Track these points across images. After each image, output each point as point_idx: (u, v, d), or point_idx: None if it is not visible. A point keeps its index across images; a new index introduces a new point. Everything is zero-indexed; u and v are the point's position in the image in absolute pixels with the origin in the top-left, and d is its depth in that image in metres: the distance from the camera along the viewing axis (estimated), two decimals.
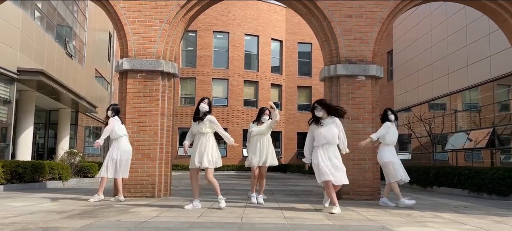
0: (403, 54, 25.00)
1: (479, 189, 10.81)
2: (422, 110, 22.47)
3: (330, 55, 9.82)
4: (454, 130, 19.97)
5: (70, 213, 6.36)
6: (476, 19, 17.37)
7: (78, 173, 15.93)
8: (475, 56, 17.85)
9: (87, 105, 22.76)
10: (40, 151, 24.01)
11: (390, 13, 9.68)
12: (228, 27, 33.28)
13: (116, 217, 5.93)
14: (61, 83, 17.89)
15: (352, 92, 9.46)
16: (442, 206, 8.22)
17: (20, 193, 9.98)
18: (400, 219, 6.21)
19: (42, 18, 18.51)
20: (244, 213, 6.54)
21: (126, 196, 9.01)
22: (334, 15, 9.60)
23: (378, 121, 9.65)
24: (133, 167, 9.12)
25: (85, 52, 24.99)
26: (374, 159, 9.33)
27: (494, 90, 16.90)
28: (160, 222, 5.59)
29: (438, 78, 20.94)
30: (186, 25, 9.93)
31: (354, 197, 9.11)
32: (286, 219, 5.98)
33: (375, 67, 9.50)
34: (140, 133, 9.22)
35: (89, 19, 25.65)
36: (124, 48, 9.54)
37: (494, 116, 16.85)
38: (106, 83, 31.53)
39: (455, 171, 12.03)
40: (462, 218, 6.50)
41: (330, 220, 5.97)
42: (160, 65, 9.30)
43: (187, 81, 32.76)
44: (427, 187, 13.34)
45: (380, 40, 9.74)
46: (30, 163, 12.00)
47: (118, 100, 9.69)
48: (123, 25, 9.44)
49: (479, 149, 17.65)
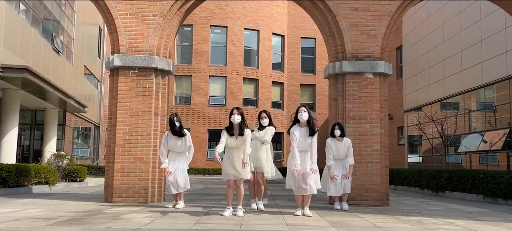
0: (413, 50, 25.00)
1: (495, 194, 10.81)
2: (434, 110, 22.47)
3: (335, 51, 9.81)
4: (468, 131, 19.96)
5: (57, 219, 6.35)
6: (491, 12, 17.35)
7: (66, 177, 15.94)
8: (490, 52, 17.84)
9: (76, 105, 22.76)
10: (25, 153, 24.02)
11: (400, 6, 9.67)
12: (226, 21, 33.27)
13: (106, 224, 5.92)
14: (47, 81, 17.89)
15: (359, 91, 9.46)
16: (455, 212, 8.22)
17: (3, 198, 9.98)
18: (410, 226, 6.20)
19: (28, 11, 18.51)
20: (244, 220, 6.53)
21: (117, 201, 9.02)
22: (340, 8, 9.59)
23: (386, 121, 9.67)
24: (124, 171, 9.13)
25: (73, 48, 25.00)
26: (383, 162, 9.33)
27: (510, 88, 16.88)
28: (153, 229, 5.59)
29: (450, 76, 20.94)
30: (181, 19, 9.93)
31: (361, 203, 9.11)
32: (288, 226, 5.98)
33: (383, 64, 9.50)
34: (132, 134, 9.21)
35: (77, 13, 25.66)
36: (115, 43, 9.53)
37: (511, 115, 16.83)
38: (96, 81, 31.54)
39: (468, 175, 12.03)
40: (476, 225, 6.50)
41: (335, 227, 5.97)
42: (154, 61, 9.30)
43: (183, 79, 32.75)
44: (439, 191, 13.34)
45: (389, 35, 9.74)
46: (15, 166, 11.99)
47: (108, 99, 9.69)
48: (114, 18, 9.43)
49: (494, 151, 17.64)
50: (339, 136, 8.47)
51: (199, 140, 31.63)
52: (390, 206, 9.17)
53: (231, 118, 7.19)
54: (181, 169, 8.28)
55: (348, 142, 8.53)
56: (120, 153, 9.15)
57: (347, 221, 6.67)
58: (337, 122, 8.83)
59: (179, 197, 8.43)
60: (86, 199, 9.91)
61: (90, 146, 31.37)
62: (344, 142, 8.50)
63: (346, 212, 7.93)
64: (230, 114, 7.24)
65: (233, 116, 7.18)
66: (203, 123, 32.04)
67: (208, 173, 29.51)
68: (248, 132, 7.22)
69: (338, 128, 8.51)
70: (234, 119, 7.16)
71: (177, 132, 8.21)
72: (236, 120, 7.17)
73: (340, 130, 8.50)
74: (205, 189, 14.47)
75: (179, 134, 8.22)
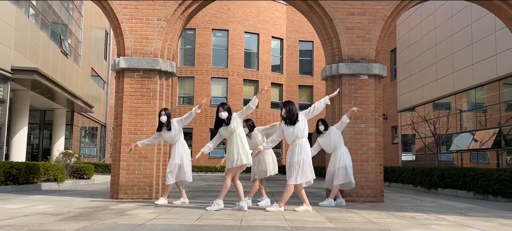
0: (407, 53, 24.99)
1: (485, 191, 10.81)
2: (426, 110, 22.47)
3: (332, 53, 9.81)
4: (459, 130, 19.96)
5: (65, 215, 6.35)
6: (481, 17, 17.36)
7: (74, 175, 15.94)
8: (480, 55, 17.84)
9: (83, 105, 22.76)
10: (34, 151, 24.02)
11: (394, 11, 9.68)
12: (227, 25, 33.27)
13: (112, 220, 5.92)
14: (56, 83, 17.90)
15: (354, 92, 9.46)
16: (447, 208, 8.22)
17: (14, 194, 9.97)
18: (404, 222, 6.20)
19: (37, 15, 18.51)
20: (244, 216, 6.53)
21: (123, 198, 9.02)
22: (336, 13, 9.59)
23: (381, 121, 9.67)
24: (130, 168, 9.13)
25: (81, 50, 25.00)
26: (377, 160, 9.33)
27: (500, 89, 16.88)
28: (157, 225, 5.59)
29: (442, 77, 20.93)
30: (184, 23, 9.93)
31: (356, 199, 9.10)
32: (286, 222, 5.97)
33: (378, 66, 9.50)
34: (137, 133, 9.21)
35: (85, 17, 25.65)
36: (121, 46, 9.53)
37: (500, 115, 16.83)
38: (103, 83, 31.54)
39: (460, 173, 12.03)
40: (468, 220, 6.49)
41: (332, 223, 5.97)
42: (158, 64, 9.30)
43: (186, 80, 32.75)
44: (431, 188, 13.33)
45: (383, 38, 9.74)
46: (25, 164, 11.99)
47: (114, 100, 9.69)
48: (120, 23, 9.43)
49: (484, 149, 17.64)
50: (324, 130, 8.58)
51: (201, 139, 31.64)
52: (385, 203, 9.16)
53: (218, 115, 7.39)
54: (188, 161, 8.35)
55: (330, 129, 8.60)
56: (125, 151, 9.15)
57: (343, 217, 6.67)
58: (319, 119, 8.84)
59: (181, 193, 8.44)
60: (93, 196, 9.91)
61: (96, 144, 31.36)
62: (328, 132, 8.59)
63: (342, 208, 7.93)
64: (217, 112, 7.43)
65: (220, 113, 7.37)
66: (205, 123, 32.05)
67: (210, 171, 29.51)
68: (234, 119, 7.34)
69: (321, 123, 8.63)
70: (221, 115, 7.36)
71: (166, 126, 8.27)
72: (223, 116, 7.36)
73: (323, 124, 8.62)
74: (207, 186, 14.47)
75: (168, 127, 8.28)
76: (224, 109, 7.38)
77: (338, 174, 8.47)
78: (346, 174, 8.48)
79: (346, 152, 8.63)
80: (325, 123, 8.67)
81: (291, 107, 7.32)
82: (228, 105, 7.52)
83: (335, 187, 8.50)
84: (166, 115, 8.26)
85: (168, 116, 8.28)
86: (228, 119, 7.35)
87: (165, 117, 8.24)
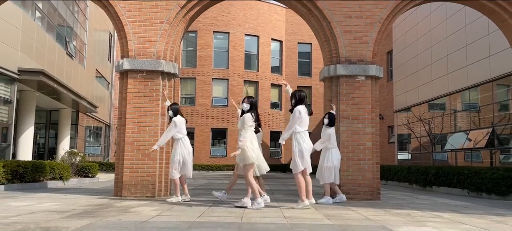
0: (403, 55, 24.99)
1: (479, 189, 10.81)
2: (422, 110, 22.47)
3: (330, 55, 9.82)
4: (454, 130, 19.96)
5: (70, 212, 6.35)
6: (475, 19, 17.36)
7: (79, 173, 15.93)
8: (474, 57, 17.84)
9: (88, 105, 22.75)
10: (40, 150, 24.02)
11: (390, 14, 9.68)
12: (228, 28, 33.27)
13: (116, 217, 5.93)
14: (61, 83, 17.89)
15: (352, 92, 9.46)
16: (441, 206, 8.22)
17: (20, 192, 9.98)
18: (400, 219, 6.21)
19: (43, 18, 18.51)
20: (244, 213, 6.53)
21: (126, 195, 9.02)
22: (334, 16, 9.60)
23: (377, 120, 9.67)
24: (133, 167, 9.13)
25: (86, 52, 24.99)
26: (374, 159, 9.34)
27: (493, 90, 16.89)
28: (161, 221, 5.59)
29: (437, 79, 20.94)
30: (186, 26, 9.93)
31: (353, 197, 9.11)
32: (286, 219, 5.98)
33: (374, 67, 9.50)
34: (140, 132, 9.21)
35: (89, 19, 25.65)
36: (125, 48, 9.54)
37: (493, 115, 16.84)
38: (107, 83, 31.53)
39: (454, 171, 12.03)
40: (462, 217, 6.50)
41: (330, 220, 5.97)
42: (160, 65, 9.30)
43: (187, 81, 32.75)
44: (426, 187, 13.34)
45: (380, 40, 9.74)
46: (31, 162, 11.99)
47: (118, 100, 9.69)
48: (124, 25, 9.43)
49: (478, 149, 17.65)
50: (326, 124, 8.61)
51: (203, 139, 31.64)
52: (381, 200, 9.17)
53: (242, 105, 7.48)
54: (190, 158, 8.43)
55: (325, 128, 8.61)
56: (129, 151, 9.15)
57: (341, 214, 6.68)
58: (329, 112, 8.80)
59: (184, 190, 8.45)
60: (97, 194, 9.91)
61: (101, 144, 31.36)
62: (323, 129, 8.65)
63: (340, 205, 7.93)
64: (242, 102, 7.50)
65: (242, 104, 7.46)
66: (207, 123, 32.05)
67: (212, 169, 29.50)
68: (245, 116, 7.31)
69: (328, 116, 8.64)
70: (242, 106, 7.46)
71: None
72: (244, 108, 7.44)
73: (328, 119, 8.61)
74: (208, 184, 14.47)
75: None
76: (247, 102, 7.45)
77: (324, 173, 8.48)
78: (331, 174, 8.49)
79: (336, 153, 8.63)
80: (330, 118, 8.63)
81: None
82: (252, 99, 7.54)
83: (325, 186, 8.52)
84: (172, 110, 8.51)
85: (174, 111, 8.49)
86: (247, 111, 7.34)
87: (171, 112, 8.51)
